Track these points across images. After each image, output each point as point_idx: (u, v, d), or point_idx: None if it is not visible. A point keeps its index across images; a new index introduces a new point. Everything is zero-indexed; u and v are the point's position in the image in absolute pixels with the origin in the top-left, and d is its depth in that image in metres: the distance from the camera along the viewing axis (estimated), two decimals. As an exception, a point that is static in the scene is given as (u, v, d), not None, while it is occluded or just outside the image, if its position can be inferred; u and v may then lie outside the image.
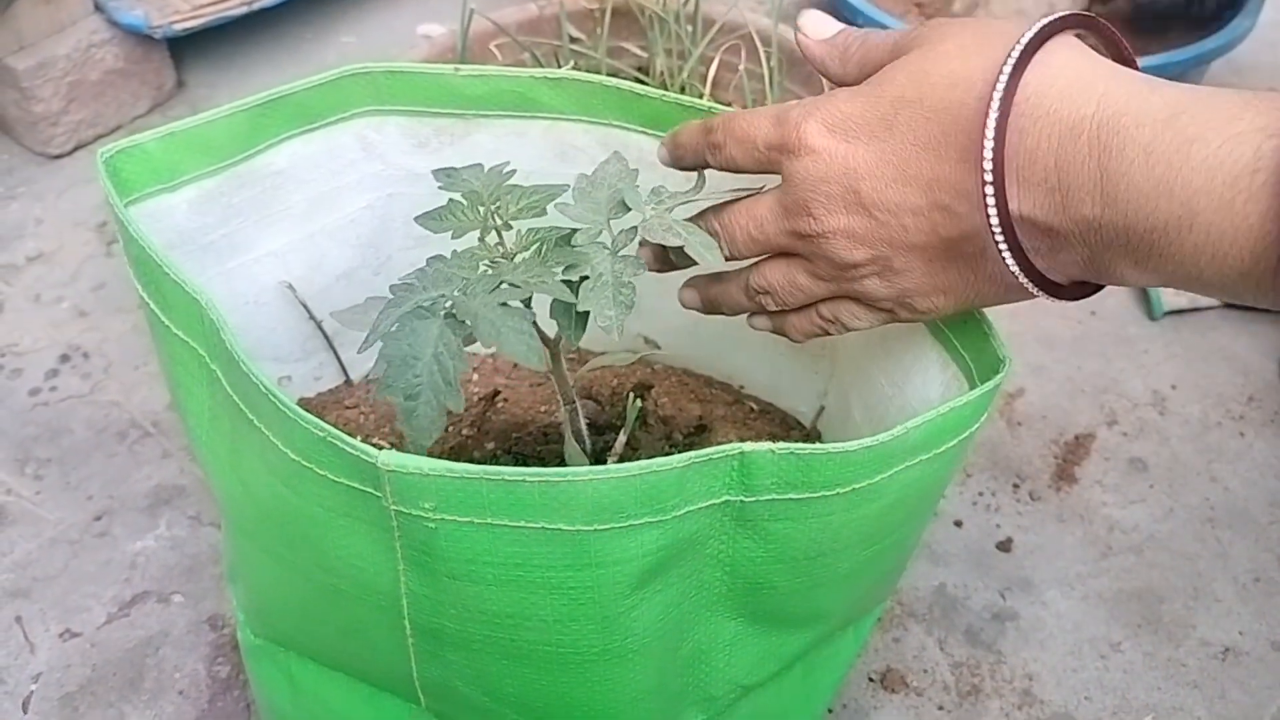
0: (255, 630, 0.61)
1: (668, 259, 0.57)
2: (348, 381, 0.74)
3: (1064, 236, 0.44)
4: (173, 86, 1.35)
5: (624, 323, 0.48)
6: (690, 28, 1.05)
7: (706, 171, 0.58)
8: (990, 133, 0.43)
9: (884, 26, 1.22)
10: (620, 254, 0.50)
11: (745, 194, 0.54)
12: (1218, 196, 0.39)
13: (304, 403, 0.71)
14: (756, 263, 0.55)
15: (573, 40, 1.07)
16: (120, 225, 0.51)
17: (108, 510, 0.90)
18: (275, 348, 0.68)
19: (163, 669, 0.80)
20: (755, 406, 0.74)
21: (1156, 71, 1.18)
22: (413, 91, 0.63)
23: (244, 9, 1.31)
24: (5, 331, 1.05)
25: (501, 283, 0.48)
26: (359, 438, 0.47)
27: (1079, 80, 0.43)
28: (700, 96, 0.96)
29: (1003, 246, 0.44)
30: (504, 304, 0.47)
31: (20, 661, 0.81)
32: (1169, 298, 1.10)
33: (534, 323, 0.52)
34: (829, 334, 0.55)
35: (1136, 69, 0.46)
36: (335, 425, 0.43)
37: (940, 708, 0.79)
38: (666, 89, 0.93)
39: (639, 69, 1.09)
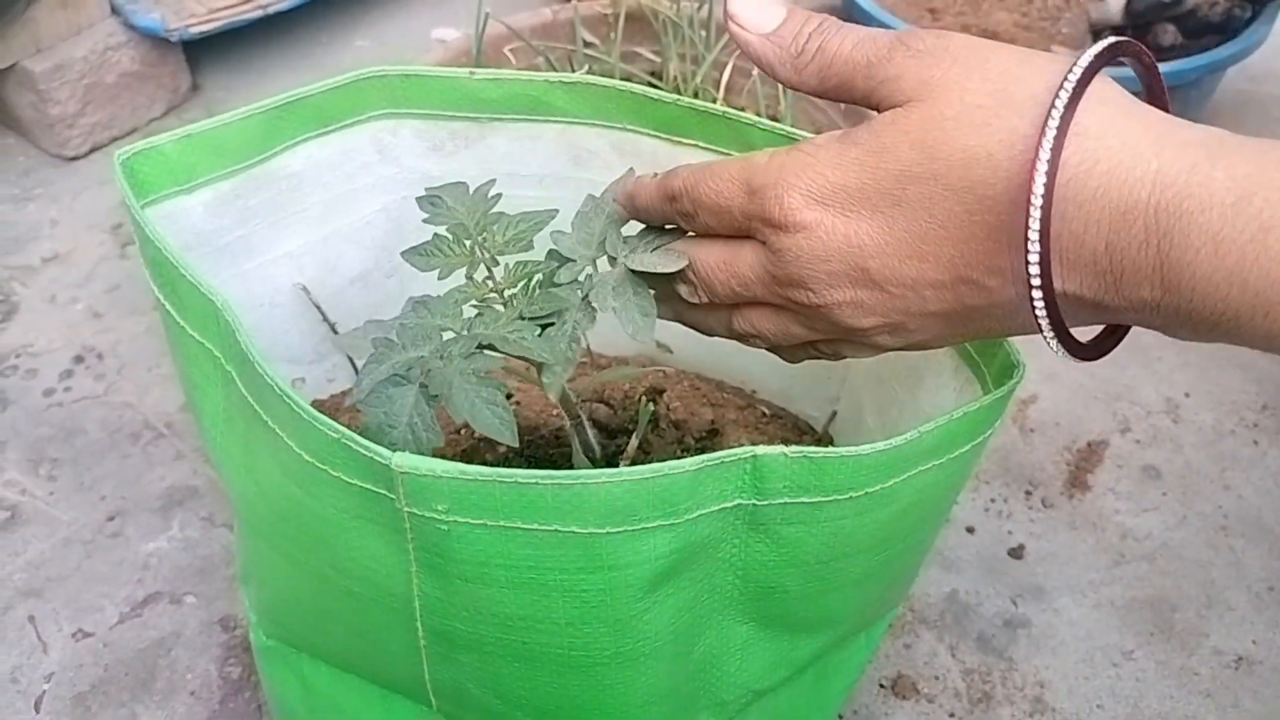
0: (267, 631, 0.61)
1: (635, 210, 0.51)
2: (361, 384, 0.74)
3: (1114, 311, 0.40)
4: (188, 89, 1.35)
5: (564, 380, 0.48)
6: (704, 33, 1.05)
7: None
8: (1035, 233, 0.38)
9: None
10: (587, 299, 0.49)
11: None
12: None
13: (317, 405, 0.71)
14: (740, 307, 0.48)
15: (586, 45, 1.07)
16: (137, 227, 0.52)
17: (121, 511, 0.91)
18: (289, 349, 0.68)
19: (175, 669, 0.81)
20: (767, 411, 0.74)
21: (1172, 79, 1.19)
22: (428, 95, 0.63)
23: (259, 13, 1.31)
24: (20, 332, 1.06)
25: (478, 344, 0.48)
26: (372, 440, 0.47)
27: (1125, 154, 0.38)
28: (714, 102, 0.96)
29: (1044, 322, 0.40)
30: (476, 372, 0.46)
31: (33, 661, 0.81)
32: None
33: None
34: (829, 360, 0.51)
35: (1165, 97, 0.42)
36: (348, 428, 0.43)
37: (951, 715, 0.79)
38: (680, 94, 0.93)
39: (652, 74, 1.10)
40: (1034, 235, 0.38)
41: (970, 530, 0.91)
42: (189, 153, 0.57)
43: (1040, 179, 0.38)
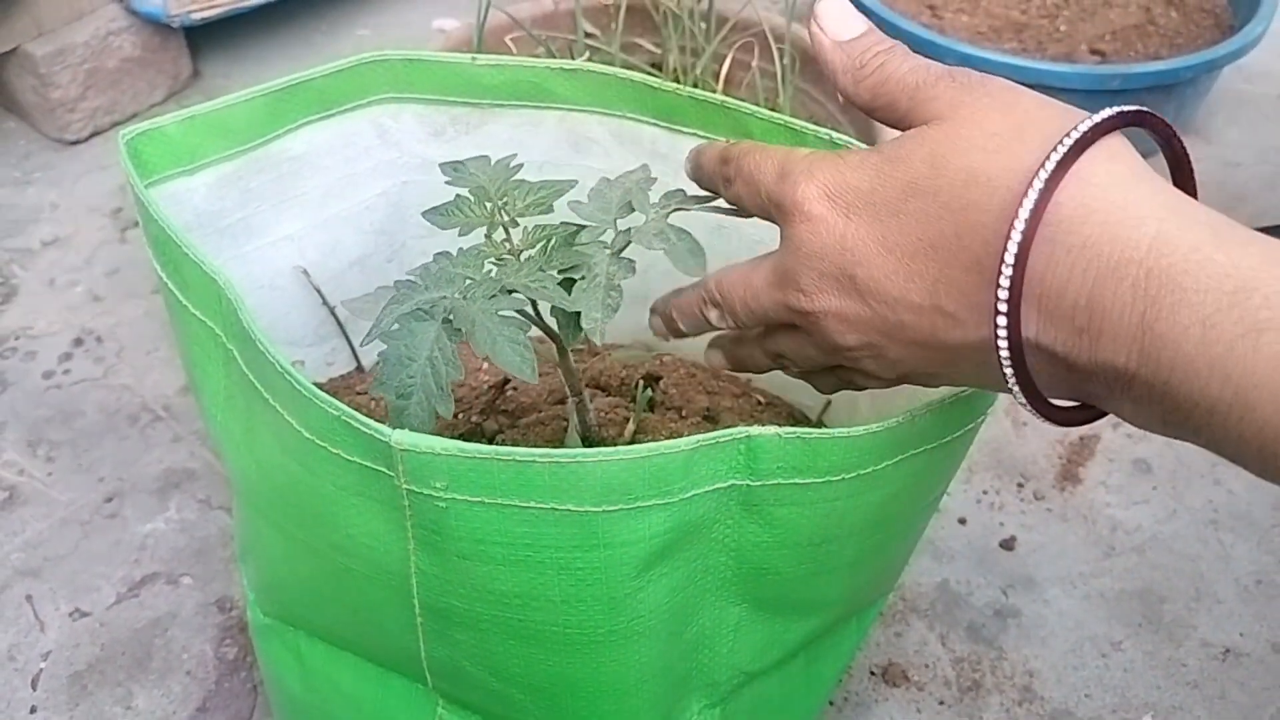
0: (265, 609, 0.62)
1: (678, 328, 0.54)
2: (359, 368, 0.74)
3: (1084, 374, 0.39)
4: (189, 76, 1.36)
5: (607, 325, 0.49)
6: (704, 25, 1.06)
7: None
8: (1010, 258, 0.37)
9: (896, 28, 1.23)
10: (620, 254, 0.51)
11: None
12: None
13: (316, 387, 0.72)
14: (766, 334, 0.51)
15: (587, 35, 1.07)
16: (140, 206, 0.52)
17: (118, 492, 0.91)
18: (289, 332, 0.69)
19: (171, 650, 0.81)
20: (762, 399, 0.74)
21: (1168, 78, 1.19)
22: (430, 80, 0.63)
23: (260, 0, 1.32)
24: (20, 315, 1.07)
25: (502, 287, 0.49)
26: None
27: (1126, 209, 0.37)
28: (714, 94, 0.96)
29: (1009, 371, 0.39)
30: (501, 312, 0.47)
31: (30, 640, 0.82)
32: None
33: (540, 318, 0.53)
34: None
35: (1190, 168, 0.42)
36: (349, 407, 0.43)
37: (941, 702, 0.80)
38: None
39: (653, 65, 1.10)
40: (1008, 265, 0.37)
41: (962, 521, 0.91)
42: (192, 134, 0.58)
43: (1027, 206, 0.37)
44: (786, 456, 0.44)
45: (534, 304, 0.51)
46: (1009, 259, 0.37)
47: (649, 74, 0.75)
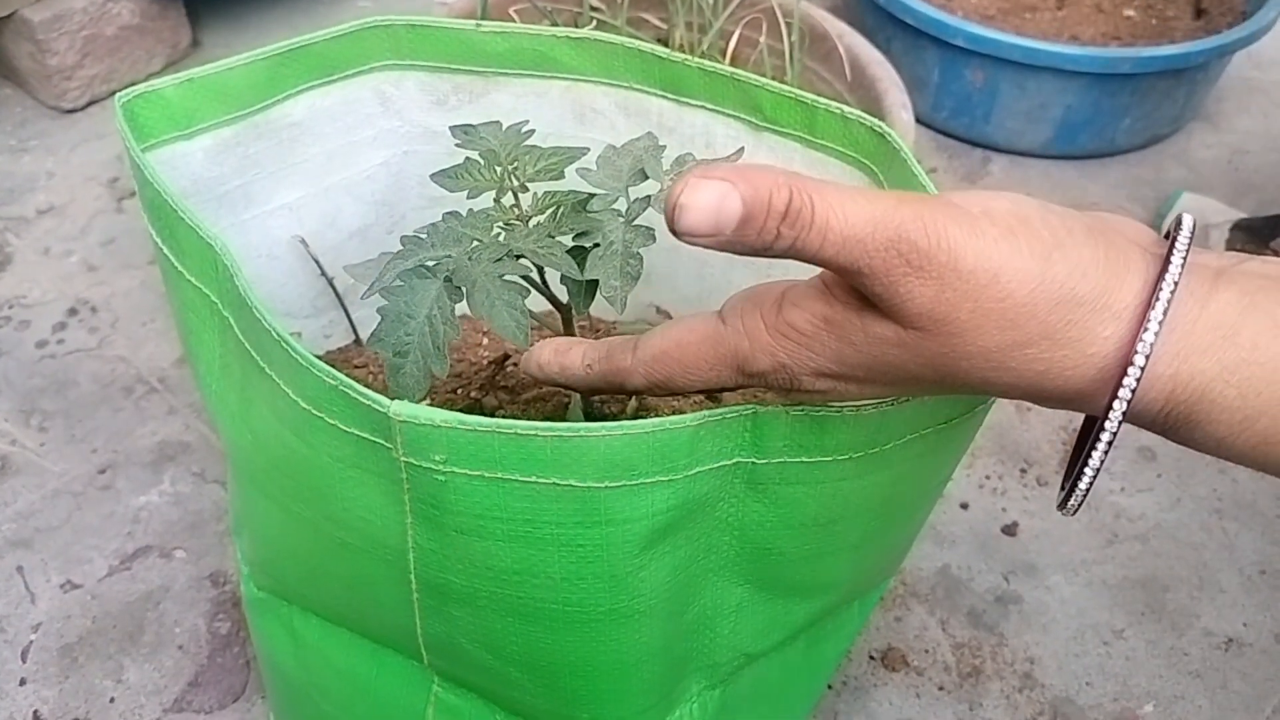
0: (259, 583, 0.61)
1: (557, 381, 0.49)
2: (357, 341, 0.73)
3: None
4: (188, 45, 1.34)
5: (629, 294, 0.48)
6: (710, 0, 1.04)
7: (744, 145, 0.58)
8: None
9: (906, 8, 1.21)
10: (634, 223, 0.50)
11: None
12: None
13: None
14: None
15: (593, 10, 1.06)
16: (136, 170, 0.51)
17: (112, 464, 0.90)
18: (286, 303, 0.68)
19: (163, 623, 0.80)
20: (766, 379, 0.73)
21: (1178, 62, 1.18)
22: (433, 47, 0.62)
23: (262, -32, 1.30)
24: (14, 283, 1.05)
25: (508, 251, 0.48)
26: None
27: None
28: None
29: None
30: (504, 277, 0.47)
31: (20, 611, 0.81)
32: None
33: (547, 288, 0.52)
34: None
35: None
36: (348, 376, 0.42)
37: (941, 688, 0.79)
38: (686, 60, 0.92)
39: (659, 40, 1.09)
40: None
41: (964, 506, 0.90)
42: (190, 97, 0.56)
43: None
44: (793, 434, 0.43)
45: (541, 274, 0.50)
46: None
47: (655, 47, 0.74)
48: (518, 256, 0.48)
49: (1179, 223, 0.38)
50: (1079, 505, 0.40)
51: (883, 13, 1.25)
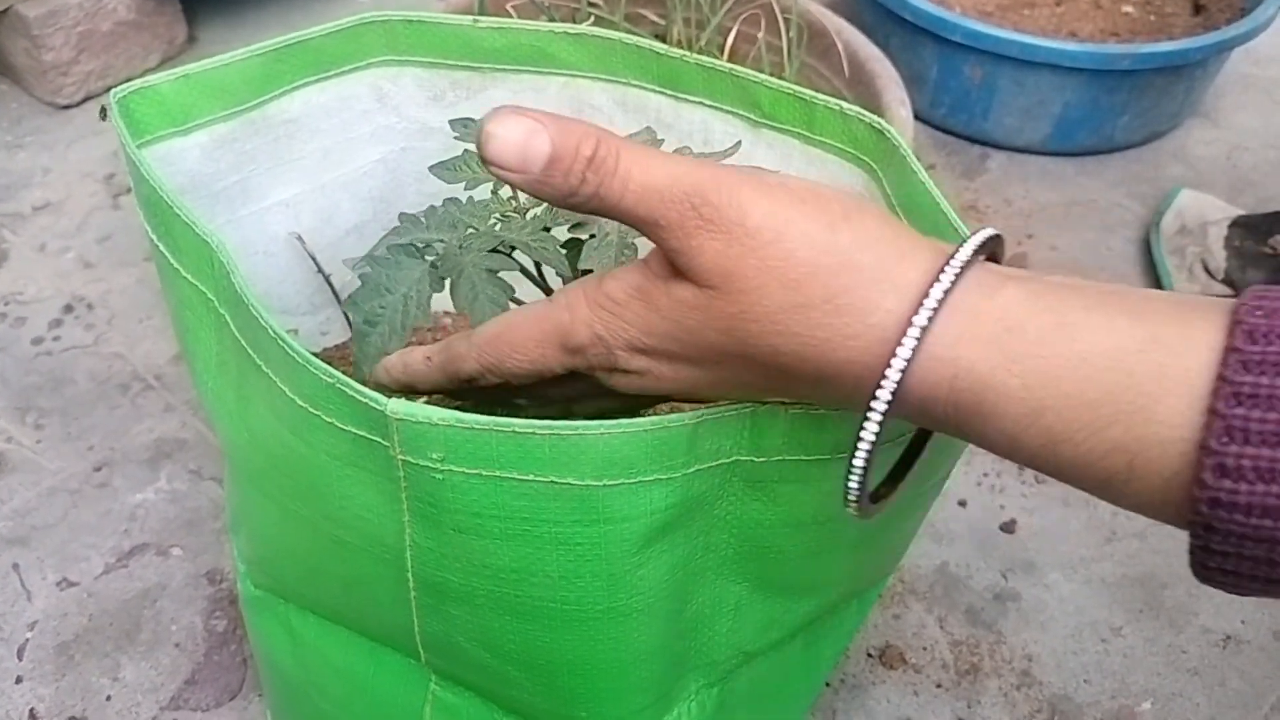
0: (256, 582, 0.61)
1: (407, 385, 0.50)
2: (354, 338, 0.73)
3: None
4: (184, 41, 1.34)
5: None
6: (709, -4, 1.04)
7: (740, 140, 0.58)
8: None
9: (905, 3, 1.21)
10: None
11: None
12: None
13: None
14: None
15: (590, 6, 1.06)
16: (131, 166, 0.51)
17: (108, 461, 0.90)
18: (282, 300, 0.67)
19: (160, 621, 0.80)
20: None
21: (1177, 59, 1.18)
22: (430, 42, 0.62)
23: (258, -36, 1.30)
24: (10, 280, 1.05)
25: (501, 242, 0.48)
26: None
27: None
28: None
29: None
30: (495, 272, 0.47)
31: (17, 609, 0.80)
32: (1182, 285, 1.09)
33: (542, 280, 0.52)
34: None
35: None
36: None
37: (939, 685, 0.79)
38: (684, 56, 0.92)
39: (656, 36, 1.08)
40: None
41: (962, 504, 0.90)
42: (186, 93, 0.56)
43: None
44: (791, 432, 0.43)
45: (538, 267, 0.50)
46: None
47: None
48: (511, 248, 0.48)
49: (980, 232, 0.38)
50: (859, 495, 0.39)
51: (881, 9, 1.24)
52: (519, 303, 0.48)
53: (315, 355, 0.43)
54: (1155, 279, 1.12)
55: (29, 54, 1.21)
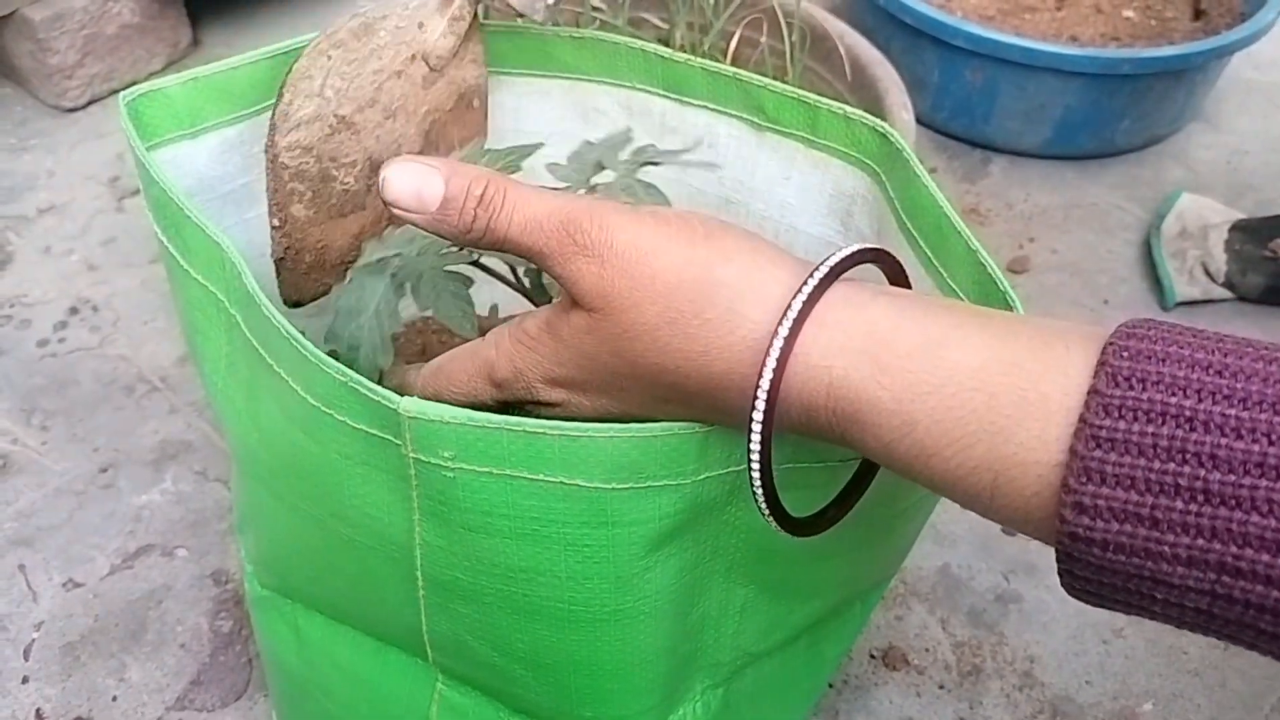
0: (263, 581, 0.61)
1: None
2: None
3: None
4: (188, 44, 1.34)
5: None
6: (711, 0, 1.04)
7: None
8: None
9: (905, 7, 1.22)
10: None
11: None
12: None
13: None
14: None
15: (594, 9, 1.06)
16: (141, 168, 0.51)
17: (113, 463, 0.90)
18: (290, 302, 0.68)
19: (165, 622, 0.80)
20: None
21: (1178, 64, 1.19)
22: (437, 47, 0.62)
23: (262, -32, 1.30)
24: (14, 282, 1.05)
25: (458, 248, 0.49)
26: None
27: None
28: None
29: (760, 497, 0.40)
30: (447, 268, 0.48)
31: (23, 610, 0.81)
32: (1182, 288, 1.10)
33: (521, 283, 0.52)
34: None
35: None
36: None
37: (941, 686, 0.79)
38: (687, 60, 0.93)
39: (660, 41, 1.09)
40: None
41: (964, 506, 0.91)
42: (195, 96, 0.56)
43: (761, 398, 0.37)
44: (802, 439, 0.44)
45: (513, 269, 0.51)
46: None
47: (658, 47, 0.74)
48: (474, 255, 0.49)
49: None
50: (767, 509, 0.40)
51: (883, 13, 1.25)
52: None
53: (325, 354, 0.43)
54: (1156, 282, 1.12)
55: (34, 57, 1.21)
